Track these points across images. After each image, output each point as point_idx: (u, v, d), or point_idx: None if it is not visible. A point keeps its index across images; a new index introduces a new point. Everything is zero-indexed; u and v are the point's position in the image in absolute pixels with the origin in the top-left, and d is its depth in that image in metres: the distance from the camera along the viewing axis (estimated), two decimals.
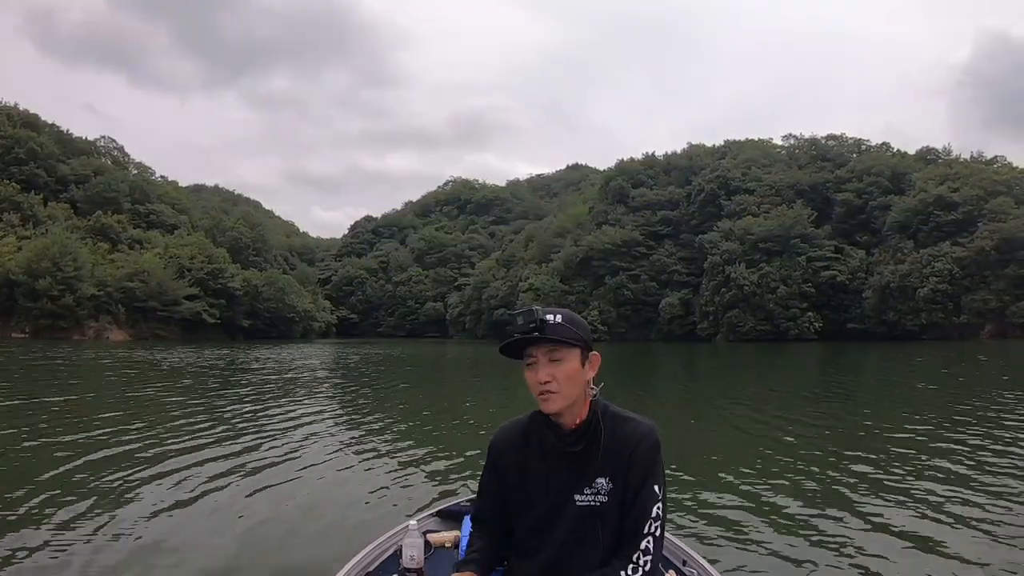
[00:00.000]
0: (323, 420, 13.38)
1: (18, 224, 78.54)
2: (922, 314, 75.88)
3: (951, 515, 6.34)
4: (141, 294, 76.80)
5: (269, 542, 5.75)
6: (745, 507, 6.78)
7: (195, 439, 10.48)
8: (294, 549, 5.58)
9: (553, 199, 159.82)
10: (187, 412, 13.88)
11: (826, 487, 7.66)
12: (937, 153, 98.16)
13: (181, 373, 25.69)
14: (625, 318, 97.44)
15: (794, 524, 6.20)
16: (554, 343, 2.30)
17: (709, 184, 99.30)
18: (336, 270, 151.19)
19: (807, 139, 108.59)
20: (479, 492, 2.67)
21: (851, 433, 11.88)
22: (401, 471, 8.52)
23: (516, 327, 2.32)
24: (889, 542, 5.61)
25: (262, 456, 9.28)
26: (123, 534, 5.74)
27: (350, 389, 21.52)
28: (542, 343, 2.30)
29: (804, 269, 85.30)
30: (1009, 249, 71.82)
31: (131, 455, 9.03)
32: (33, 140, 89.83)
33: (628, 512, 2.34)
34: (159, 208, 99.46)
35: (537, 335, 2.29)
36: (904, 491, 7.32)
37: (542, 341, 2.30)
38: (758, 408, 15.72)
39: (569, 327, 2.33)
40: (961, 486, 7.41)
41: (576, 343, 2.32)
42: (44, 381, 21.88)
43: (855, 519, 6.29)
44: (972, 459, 8.87)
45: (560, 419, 2.38)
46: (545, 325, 2.29)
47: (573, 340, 2.31)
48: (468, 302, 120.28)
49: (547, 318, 2.30)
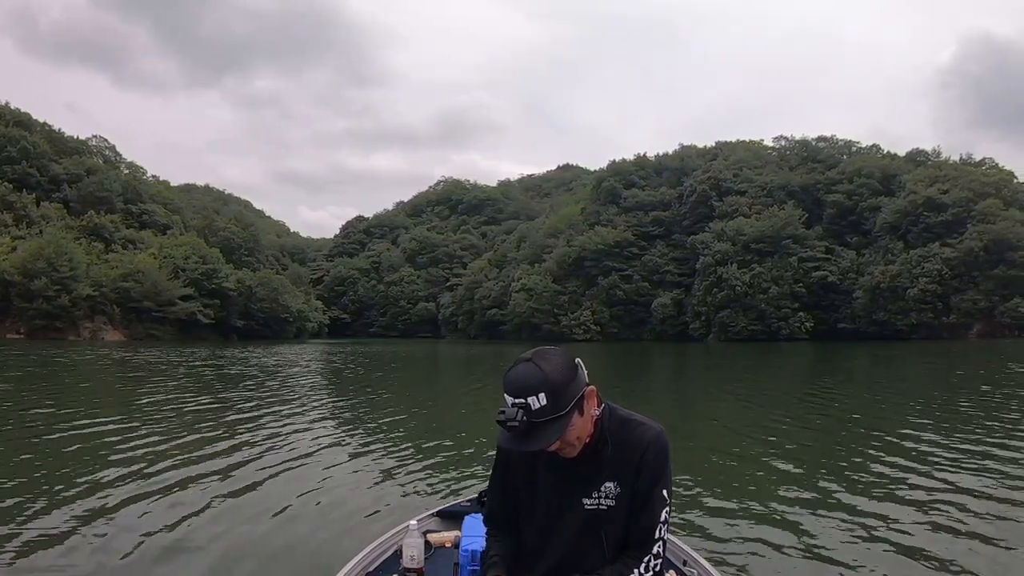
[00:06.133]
0: (321, 420, 13.39)
1: (11, 224, 78.05)
2: (912, 314, 76.38)
3: (950, 514, 6.42)
4: (136, 294, 76.42)
5: (269, 543, 5.76)
6: (744, 507, 6.81)
7: (192, 440, 10.45)
8: (294, 549, 5.59)
9: (545, 199, 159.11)
10: (185, 413, 13.85)
11: (824, 486, 7.69)
12: (926, 155, 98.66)
13: (178, 374, 25.55)
14: (617, 318, 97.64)
15: (793, 523, 6.23)
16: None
17: (701, 185, 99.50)
18: (328, 270, 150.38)
19: (798, 140, 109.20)
20: (490, 492, 2.65)
21: (850, 433, 11.93)
22: (401, 471, 8.53)
23: (506, 423, 2.16)
24: (889, 541, 5.66)
25: (260, 457, 9.23)
26: (123, 534, 5.74)
27: (347, 389, 21.46)
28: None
29: (795, 269, 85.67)
30: (998, 250, 72.44)
31: (131, 455, 8.99)
32: (25, 139, 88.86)
33: (637, 516, 2.34)
34: (151, 208, 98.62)
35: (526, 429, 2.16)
36: (903, 490, 7.40)
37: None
38: (753, 407, 15.89)
39: (555, 401, 2.14)
40: (956, 484, 7.49)
41: (568, 412, 2.18)
42: (43, 381, 21.86)
43: (853, 518, 6.32)
44: (967, 457, 8.94)
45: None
46: (532, 422, 2.13)
47: (563, 413, 2.16)
48: (460, 302, 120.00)
49: (531, 405, 2.12)
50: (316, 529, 6.17)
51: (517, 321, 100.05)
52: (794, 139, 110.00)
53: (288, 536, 5.97)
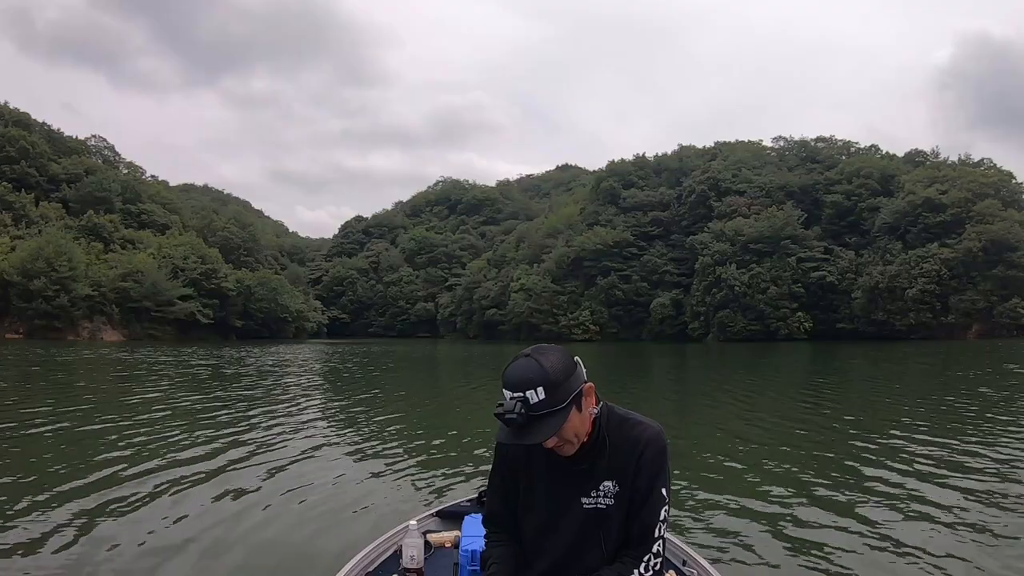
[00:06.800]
0: (320, 421, 13.40)
1: (10, 224, 78.08)
2: (910, 314, 76.39)
3: (948, 512, 6.46)
4: (135, 294, 76.45)
5: (269, 543, 5.77)
6: (744, 507, 6.84)
7: (192, 441, 10.45)
8: (294, 550, 5.60)
9: (543, 199, 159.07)
10: (184, 414, 13.88)
11: (823, 486, 7.71)
12: (925, 155, 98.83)
13: (177, 374, 25.56)
14: (616, 318, 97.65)
15: (793, 523, 6.27)
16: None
17: (700, 185, 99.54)
18: (327, 270, 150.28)
19: (797, 141, 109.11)
20: (489, 491, 2.65)
21: (849, 433, 11.90)
22: (401, 471, 8.55)
23: (504, 416, 2.19)
24: (889, 540, 5.69)
25: (260, 458, 9.23)
26: (122, 535, 5.76)
27: (346, 389, 21.48)
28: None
29: (794, 270, 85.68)
30: (996, 250, 72.47)
31: (129, 457, 9.01)
32: (24, 139, 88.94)
33: (636, 515, 2.34)
34: (150, 208, 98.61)
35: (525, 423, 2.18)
36: (902, 490, 7.41)
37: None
38: (751, 407, 15.90)
39: (553, 395, 2.16)
40: (956, 485, 7.52)
41: (566, 406, 2.21)
42: (40, 381, 21.90)
43: (853, 517, 6.36)
44: (963, 457, 8.99)
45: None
46: (530, 415, 2.16)
47: (561, 407, 2.19)
48: (459, 302, 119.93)
49: (529, 398, 2.15)
50: (316, 529, 6.18)
51: (516, 321, 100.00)
52: (793, 140, 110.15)
53: (287, 536, 5.97)
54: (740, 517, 6.49)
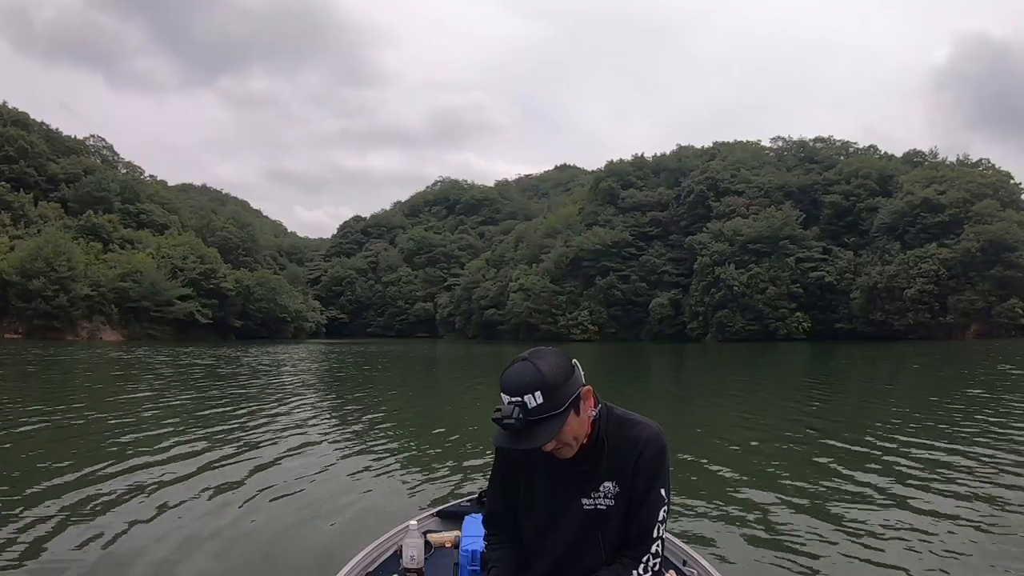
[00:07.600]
0: (320, 421, 13.41)
1: (9, 224, 78.02)
2: (909, 314, 76.39)
3: (946, 510, 6.49)
4: (134, 294, 76.43)
5: (269, 543, 5.77)
6: (744, 506, 6.86)
7: (192, 440, 10.46)
8: (295, 550, 5.60)
9: (542, 199, 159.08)
10: (183, 413, 13.87)
11: (823, 486, 7.72)
12: (923, 156, 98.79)
13: (177, 374, 25.54)
14: (615, 318, 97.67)
15: (793, 523, 6.28)
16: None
17: (698, 185, 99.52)
18: (325, 270, 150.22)
19: (795, 141, 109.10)
20: (489, 492, 2.66)
21: (848, 433, 11.89)
22: (400, 471, 8.56)
23: (502, 421, 2.19)
24: (888, 539, 5.71)
25: (260, 458, 9.23)
26: (123, 536, 5.76)
27: (345, 389, 21.50)
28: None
29: (793, 270, 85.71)
30: (994, 251, 72.46)
31: (128, 457, 9.01)
32: (23, 138, 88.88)
33: (635, 515, 2.34)
34: (149, 208, 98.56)
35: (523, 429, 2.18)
36: (901, 489, 7.43)
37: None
38: (750, 407, 15.91)
39: (551, 399, 2.16)
40: (956, 488, 7.51)
41: (564, 410, 2.21)
42: (38, 380, 21.90)
43: (852, 517, 6.37)
44: (963, 456, 9.01)
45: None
46: (528, 420, 2.16)
47: (559, 411, 2.19)
48: (458, 302, 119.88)
49: (527, 403, 2.15)
50: (316, 529, 6.18)
51: (515, 321, 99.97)
52: (791, 140, 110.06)
53: (287, 536, 5.97)
54: (740, 517, 6.49)
